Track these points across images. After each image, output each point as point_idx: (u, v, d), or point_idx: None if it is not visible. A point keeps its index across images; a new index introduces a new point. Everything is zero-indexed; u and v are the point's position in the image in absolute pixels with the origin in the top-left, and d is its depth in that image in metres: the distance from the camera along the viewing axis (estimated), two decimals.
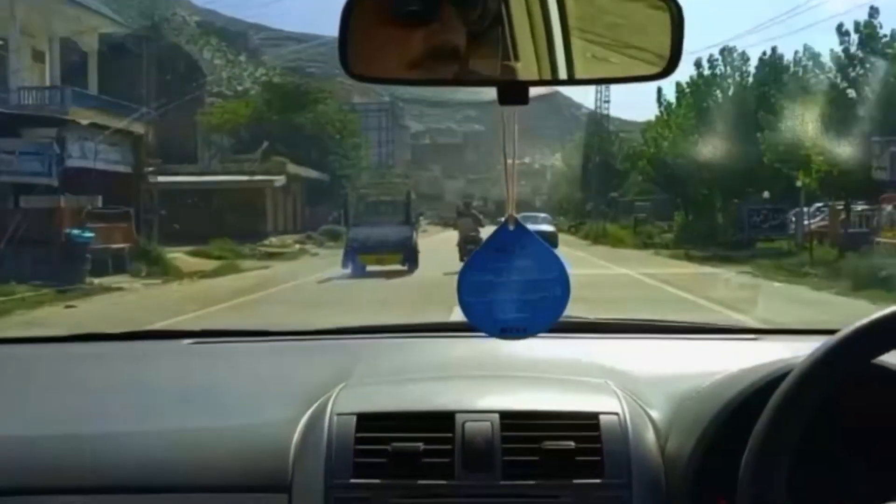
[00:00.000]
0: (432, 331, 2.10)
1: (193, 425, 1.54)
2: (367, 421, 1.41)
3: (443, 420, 1.40)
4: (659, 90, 34.43)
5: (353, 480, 1.35)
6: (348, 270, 20.64)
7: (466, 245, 19.31)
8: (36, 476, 1.41)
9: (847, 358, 1.11)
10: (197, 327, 2.19)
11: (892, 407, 1.30)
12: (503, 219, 1.37)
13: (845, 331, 1.11)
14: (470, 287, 1.35)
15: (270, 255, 26.61)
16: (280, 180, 35.40)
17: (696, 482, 1.30)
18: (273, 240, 31.53)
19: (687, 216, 34.38)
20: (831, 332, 1.15)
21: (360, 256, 21.40)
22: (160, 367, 1.91)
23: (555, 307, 1.36)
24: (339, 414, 1.43)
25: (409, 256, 21.53)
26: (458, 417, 1.40)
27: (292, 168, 36.96)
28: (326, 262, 23.42)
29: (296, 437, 1.44)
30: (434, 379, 1.65)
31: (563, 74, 1.20)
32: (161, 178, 27.51)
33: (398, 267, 20.66)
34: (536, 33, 1.18)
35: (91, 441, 1.49)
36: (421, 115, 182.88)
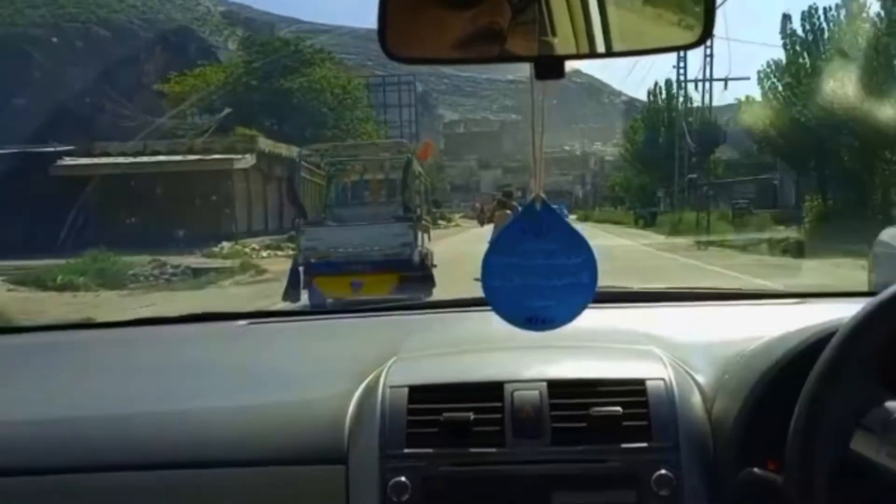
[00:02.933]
0: (477, 305, 1.93)
1: (251, 402, 1.54)
2: (419, 392, 1.41)
3: (492, 390, 1.40)
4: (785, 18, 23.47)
5: (406, 450, 1.35)
6: (296, 305, 10.83)
7: None
8: (100, 453, 1.44)
9: (890, 317, 1.10)
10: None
11: None
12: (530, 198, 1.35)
13: (887, 292, 1.10)
14: (496, 270, 1.34)
15: (194, 274, 15.93)
16: (246, 160, 24.65)
17: (743, 444, 1.29)
18: (225, 246, 20.91)
19: (826, 202, 23.36)
20: (873, 294, 1.14)
21: (318, 282, 11.45)
22: (217, 348, 1.93)
23: (582, 295, 1.34)
24: (391, 386, 1.43)
25: (414, 276, 11.65)
26: (507, 387, 1.40)
27: (266, 144, 26.17)
28: (260, 291, 13.13)
29: (350, 409, 1.45)
30: (482, 351, 1.62)
31: (600, 48, 1.18)
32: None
33: (394, 297, 10.89)
34: (573, 7, 1.17)
35: (150, 419, 1.50)
36: (455, 105, 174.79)
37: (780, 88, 23.72)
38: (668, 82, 40.04)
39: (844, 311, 1.18)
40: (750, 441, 1.29)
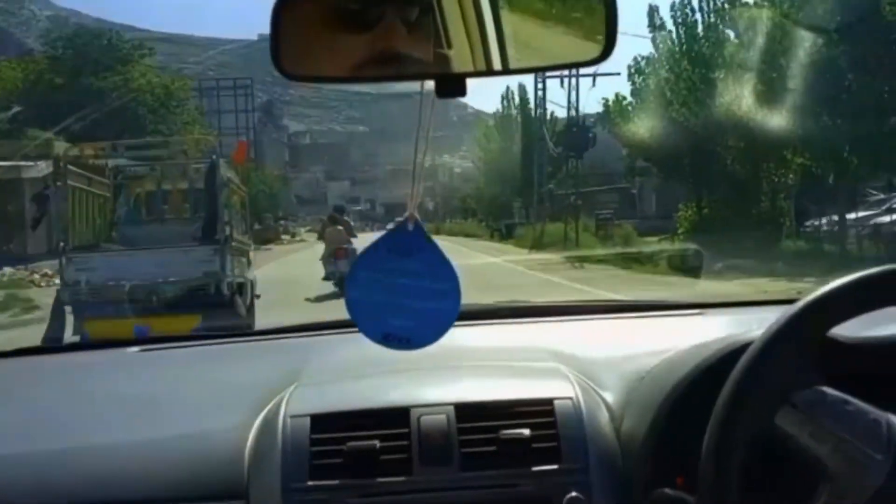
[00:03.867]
0: None
1: (144, 436, 1.46)
2: (322, 421, 1.36)
3: (397, 415, 1.36)
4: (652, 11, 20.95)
5: (310, 483, 1.30)
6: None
7: (337, 261, 14.20)
8: None
9: (802, 331, 1.09)
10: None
11: (844, 378, 1.20)
12: (391, 224, 1.39)
13: (802, 302, 1.10)
14: (358, 283, 1.32)
15: None
16: (38, 168, 20.43)
17: (652, 461, 1.29)
18: (6, 272, 16.90)
19: (701, 210, 21.15)
20: (773, 302, 1.26)
21: (88, 326, 8.53)
22: (106, 378, 1.82)
23: (443, 321, 1.33)
24: (292, 416, 1.38)
25: (225, 314, 9.01)
26: (413, 412, 1.36)
27: (64, 149, 21.63)
28: (15, 338, 9.41)
29: (250, 441, 1.39)
30: (386, 373, 1.55)
31: (499, 65, 1.16)
32: None
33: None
34: (469, 24, 1.15)
35: (34, 458, 1.41)
36: (300, 116, 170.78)
37: (652, 85, 21.35)
38: (522, 86, 37.71)
39: (744, 322, 1.23)
40: (659, 458, 1.27)
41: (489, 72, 1.16)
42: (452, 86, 1.15)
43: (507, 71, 1.17)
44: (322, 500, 1.28)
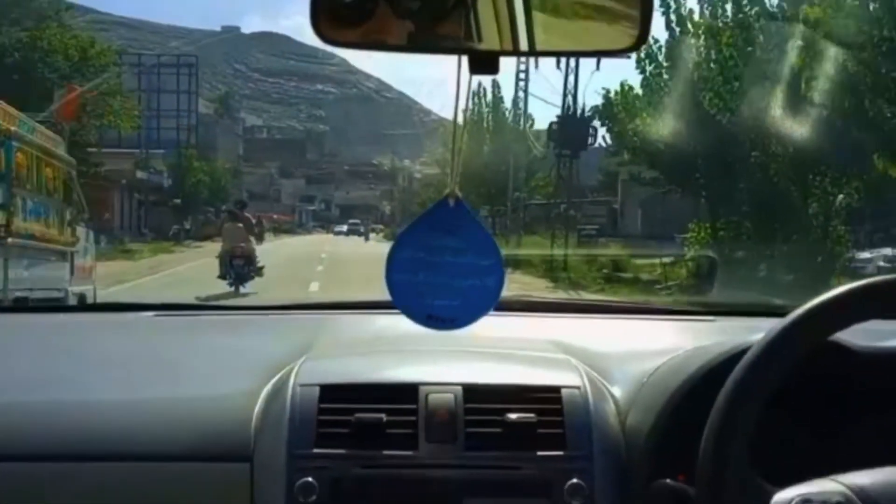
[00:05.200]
0: (393, 307, 1.74)
1: (155, 395, 1.48)
2: (331, 392, 1.37)
3: (406, 391, 1.37)
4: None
5: (315, 450, 1.31)
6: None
7: (232, 260, 13.35)
8: None
9: (801, 336, 1.12)
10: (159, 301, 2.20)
11: (840, 378, 1.30)
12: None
13: (799, 311, 1.12)
14: (400, 264, 1.31)
15: None
16: None
17: (655, 457, 1.29)
18: None
19: (716, 232, 16.99)
20: (789, 311, 1.20)
21: None
22: (123, 339, 1.86)
23: (486, 298, 1.32)
24: (301, 385, 1.38)
25: None
26: (422, 389, 1.36)
27: None
28: None
29: (258, 407, 1.39)
30: (397, 352, 1.58)
31: (525, 46, 1.16)
32: None
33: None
34: (500, 3, 1.15)
35: (51, 408, 1.43)
36: (260, 110, 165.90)
37: (666, 75, 17.11)
38: (495, 82, 33.45)
39: (754, 329, 1.21)
40: (661, 454, 1.28)
41: (516, 52, 1.17)
42: (485, 63, 1.17)
43: (533, 52, 1.18)
44: (326, 467, 1.29)
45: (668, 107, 16.56)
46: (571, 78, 22.68)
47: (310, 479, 1.27)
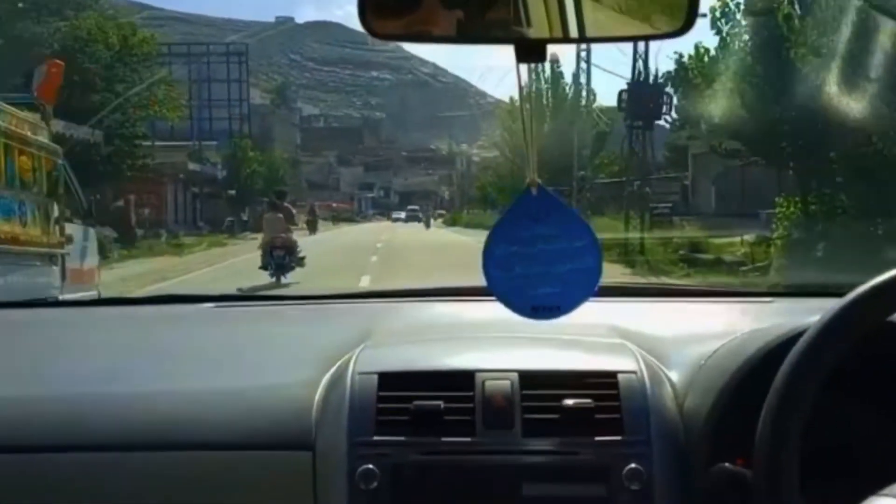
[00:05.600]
0: (449, 294, 2.05)
1: (217, 386, 1.51)
2: (389, 379, 1.39)
3: (463, 378, 1.38)
4: None
5: (375, 437, 1.33)
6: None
7: (273, 251, 13.09)
8: (60, 434, 1.39)
9: (860, 317, 1.10)
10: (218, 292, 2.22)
11: None
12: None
13: (857, 291, 1.11)
14: (497, 260, 1.30)
15: None
16: None
17: (714, 440, 1.29)
18: None
19: (807, 207, 15.28)
20: (845, 292, 1.19)
21: None
22: (184, 330, 1.90)
23: (588, 280, 1.30)
24: (360, 373, 1.41)
25: None
26: (478, 376, 1.38)
27: None
28: None
29: (318, 396, 1.42)
30: (454, 339, 1.60)
31: (574, 33, 1.16)
32: None
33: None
34: None
35: (116, 400, 1.46)
36: (316, 99, 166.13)
37: (745, 35, 15.37)
38: (554, 55, 31.84)
39: (814, 310, 1.21)
40: (720, 438, 1.28)
41: (566, 38, 1.17)
42: (532, 51, 1.17)
43: (583, 39, 1.19)
44: (386, 454, 1.30)
45: (750, 68, 14.89)
46: (641, 43, 20.64)
47: (370, 466, 1.29)
